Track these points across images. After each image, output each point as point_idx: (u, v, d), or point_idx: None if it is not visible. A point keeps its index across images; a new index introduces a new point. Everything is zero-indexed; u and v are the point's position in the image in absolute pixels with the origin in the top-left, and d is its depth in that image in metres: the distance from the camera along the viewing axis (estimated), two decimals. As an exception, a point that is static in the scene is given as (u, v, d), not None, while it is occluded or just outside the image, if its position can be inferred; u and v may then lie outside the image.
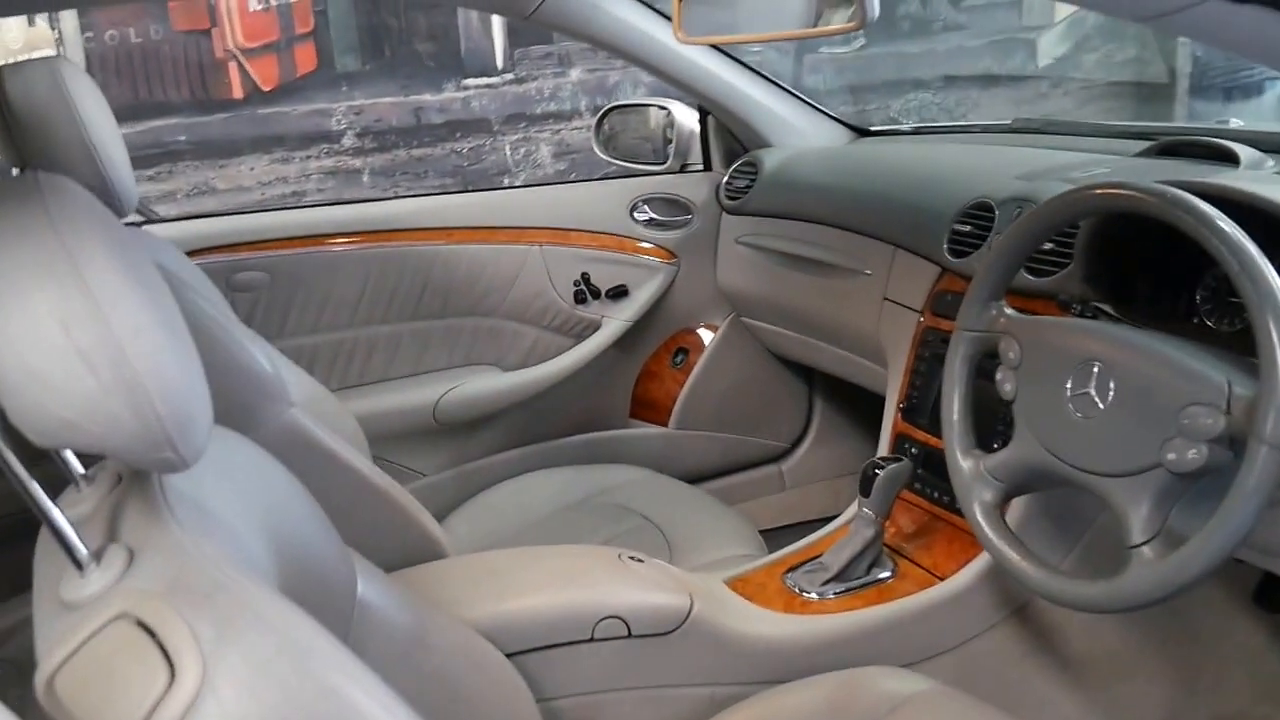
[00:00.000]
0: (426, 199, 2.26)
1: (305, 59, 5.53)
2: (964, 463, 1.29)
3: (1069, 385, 1.16)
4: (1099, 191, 1.15)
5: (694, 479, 2.37)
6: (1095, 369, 1.13)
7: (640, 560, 1.38)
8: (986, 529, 1.24)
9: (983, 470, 1.27)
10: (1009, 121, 2.16)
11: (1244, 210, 1.10)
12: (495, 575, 1.29)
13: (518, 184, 4.17)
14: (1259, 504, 0.96)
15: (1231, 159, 1.49)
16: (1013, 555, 1.20)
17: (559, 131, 5.80)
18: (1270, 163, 1.49)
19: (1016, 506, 1.41)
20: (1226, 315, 1.30)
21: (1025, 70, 6.80)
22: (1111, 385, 1.11)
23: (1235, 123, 1.80)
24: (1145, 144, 1.68)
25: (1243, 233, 1.01)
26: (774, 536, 2.38)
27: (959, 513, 1.48)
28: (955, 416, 1.32)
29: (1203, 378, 1.03)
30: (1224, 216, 1.02)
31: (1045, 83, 6.82)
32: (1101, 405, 1.12)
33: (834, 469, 2.56)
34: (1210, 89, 6.51)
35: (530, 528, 1.89)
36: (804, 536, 2.44)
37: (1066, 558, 1.49)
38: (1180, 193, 1.06)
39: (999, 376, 1.26)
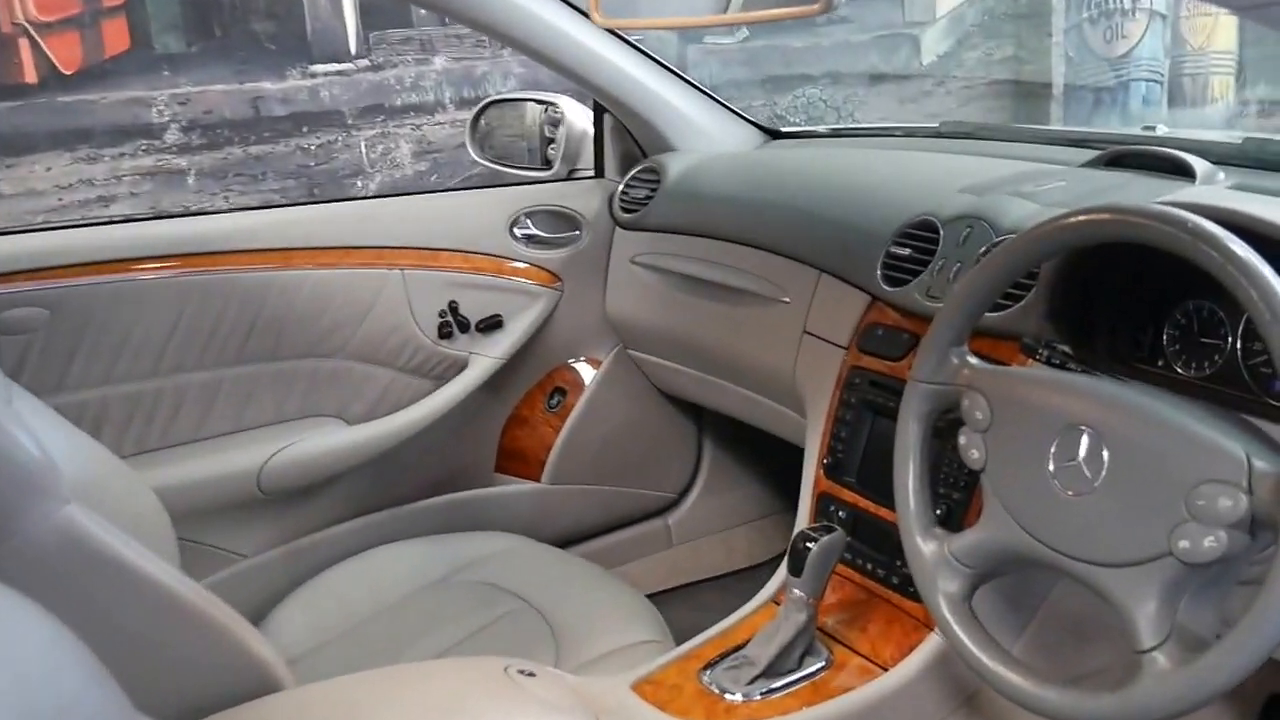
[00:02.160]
0: (260, 213, 2.06)
1: (116, 37, 5.13)
2: (924, 546, 1.18)
3: (1052, 454, 1.05)
4: (1101, 218, 1.04)
5: (570, 540, 2.30)
6: (1084, 436, 1.03)
7: (531, 674, 1.21)
8: (958, 630, 1.12)
9: (947, 555, 1.15)
10: (936, 125, 2.12)
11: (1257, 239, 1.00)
12: (353, 713, 1.08)
13: (375, 194, 3.97)
14: None
15: (1187, 172, 1.47)
16: (997, 667, 1.09)
17: (421, 127, 5.61)
18: (1221, 175, 1.49)
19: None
20: (1196, 359, 1.25)
21: (910, 67, 7.03)
22: (1105, 456, 1.01)
23: (1162, 129, 1.85)
24: (1086, 152, 1.68)
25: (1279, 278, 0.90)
26: (662, 602, 2.33)
27: (896, 588, 1.44)
28: (911, 489, 1.21)
29: (1216, 450, 0.94)
30: (1258, 256, 0.92)
31: (929, 80, 7.07)
32: (1094, 481, 1.02)
33: (726, 519, 2.48)
34: (1082, 88, 6.89)
35: (381, 617, 1.72)
36: (696, 598, 2.42)
37: (1017, 641, 1.41)
38: (1206, 224, 0.95)
39: (963, 440, 1.15)
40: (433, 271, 2.06)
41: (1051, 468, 1.04)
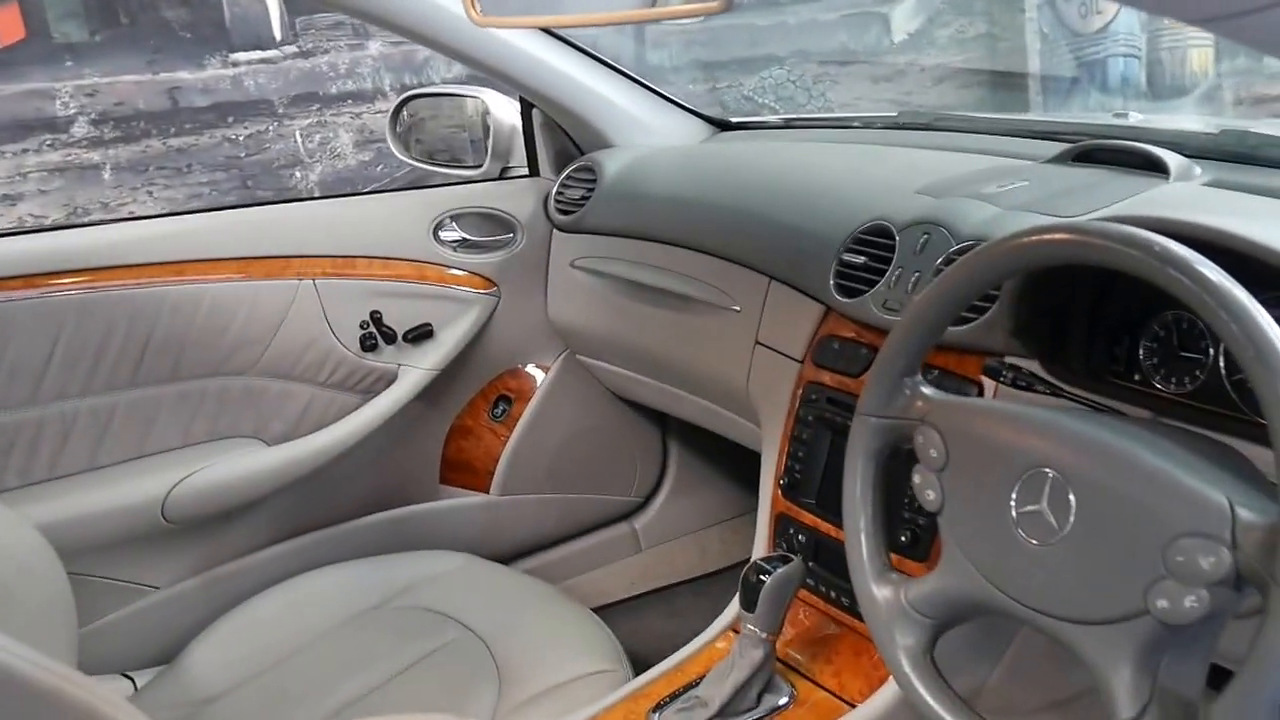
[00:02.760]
0: (146, 223, 1.98)
1: (9, 25, 5.03)
2: (878, 593, 1.11)
3: (1014, 499, 0.99)
4: (1058, 238, 0.98)
5: (527, 552, 2.29)
6: (1048, 479, 0.97)
7: None
8: (919, 687, 1.06)
9: (905, 604, 1.09)
10: (894, 115, 2.08)
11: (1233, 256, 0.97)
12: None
13: (279, 199, 3.88)
14: None
15: (1160, 169, 1.46)
16: None
17: (360, 115, 5.53)
18: (1198, 170, 1.47)
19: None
20: (1175, 375, 1.22)
21: (881, 46, 7.04)
22: (1072, 501, 0.95)
23: (1134, 117, 1.85)
24: (1053, 144, 1.66)
25: (1261, 308, 0.85)
26: (633, 609, 2.37)
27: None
28: (863, 532, 1.15)
29: (1196, 498, 0.88)
30: (1238, 286, 0.86)
31: (903, 58, 7.07)
32: (1060, 529, 0.96)
33: (698, 520, 2.46)
34: (1058, 64, 6.87)
35: (307, 651, 1.67)
36: (671, 602, 2.42)
37: (995, 668, 1.39)
38: (1176, 249, 0.89)
39: (917, 479, 1.09)
40: (349, 280, 2.01)
41: (1014, 514, 0.99)
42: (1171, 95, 6.56)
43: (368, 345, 2.03)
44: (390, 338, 2.04)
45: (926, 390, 1.10)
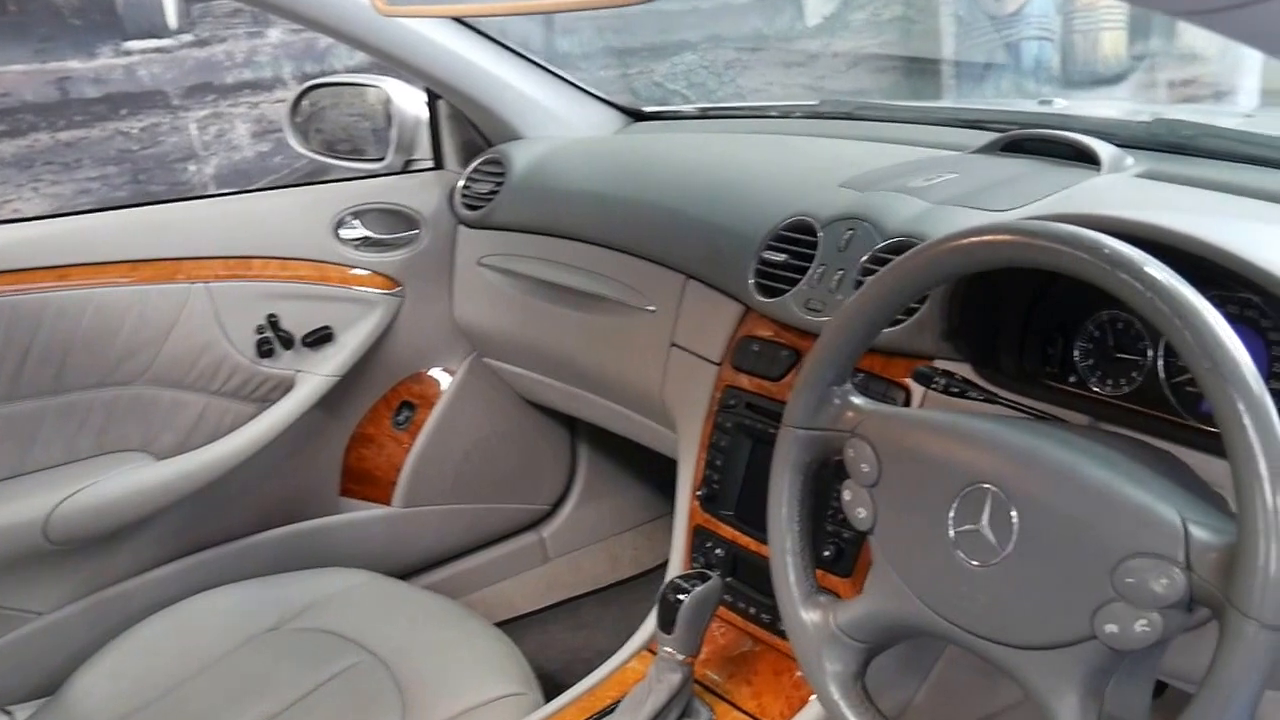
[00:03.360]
0: (31, 223, 1.92)
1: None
2: (806, 617, 1.06)
3: (952, 517, 0.94)
4: (1000, 240, 0.93)
5: (431, 565, 2.27)
6: (988, 496, 0.92)
7: None
8: (850, 716, 1.02)
9: (835, 628, 1.04)
10: (815, 104, 2.08)
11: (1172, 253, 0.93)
12: None
13: (170, 198, 3.78)
14: (1251, 697, 0.77)
15: (1092, 159, 1.46)
16: None
17: (258, 105, 5.41)
18: (1129, 160, 1.47)
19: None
20: (1112, 377, 1.20)
21: (795, 30, 7.04)
22: (1014, 520, 0.90)
23: (1059, 104, 1.87)
24: (979, 133, 1.66)
25: (1219, 316, 0.81)
26: (540, 622, 2.36)
27: (782, 634, 1.36)
28: (789, 552, 1.09)
29: (1146, 517, 0.83)
30: (1193, 290, 0.82)
31: (815, 42, 7.06)
32: (1002, 549, 0.91)
33: (607, 527, 2.45)
34: (973, 48, 6.93)
35: (199, 678, 1.60)
36: (577, 615, 2.39)
37: (923, 684, 1.36)
38: (1124, 250, 0.84)
39: (847, 495, 1.04)
40: (244, 283, 1.96)
41: (952, 533, 0.94)
42: (1085, 78, 6.65)
43: (264, 351, 1.98)
44: (288, 342, 1.99)
45: (857, 400, 1.06)
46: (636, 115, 2.19)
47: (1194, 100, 6.18)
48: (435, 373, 2.20)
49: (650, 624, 1.46)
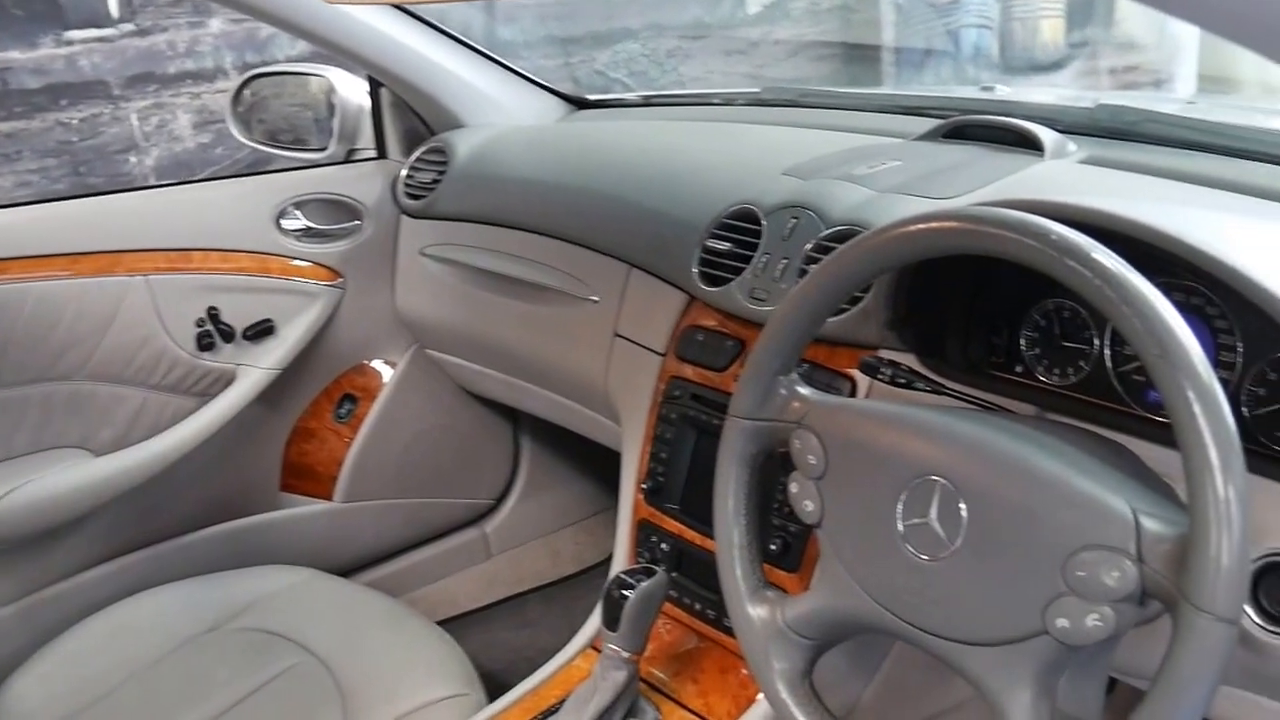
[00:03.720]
0: None
1: None
2: (754, 613, 1.04)
3: (900, 510, 0.92)
4: (947, 227, 0.91)
5: (373, 561, 2.25)
6: (937, 488, 0.90)
7: None
8: (798, 714, 1.00)
9: (782, 625, 1.02)
10: (758, 91, 2.07)
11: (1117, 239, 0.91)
12: None
13: (109, 189, 3.72)
14: (1205, 692, 0.76)
15: (1035, 145, 1.45)
16: None
17: (200, 95, 5.34)
18: (1072, 146, 1.46)
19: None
20: (1059, 366, 1.19)
21: (735, 18, 7.01)
22: (963, 513, 0.88)
23: (1003, 90, 1.89)
24: (921, 120, 1.68)
25: (1167, 303, 0.79)
26: (482, 620, 2.34)
27: (729, 631, 1.32)
28: (736, 545, 1.07)
29: (1097, 508, 0.82)
30: (1141, 278, 0.80)
31: (756, 30, 7.03)
32: (951, 543, 0.89)
33: (550, 523, 2.44)
34: (912, 36, 6.93)
35: (135, 681, 1.58)
36: (521, 612, 2.39)
37: (870, 683, 1.36)
38: (1073, 237, 0.82)
39: (794, 488, 1.02)
40: (184, 275, 1.93)
41: (900, 527, 0.92)
42: (1024, 66, 6.69)
43: (204, 344, 1.95)
44: (228, 335, 1.96)
45: (803, 390, 1.03)
46: (580, 103, 2.18)
47: (1134, 87, 6.23)
48: (377, 365, 2.18)
49: (595, 621, 1.45)
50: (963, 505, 0.88)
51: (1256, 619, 0.92)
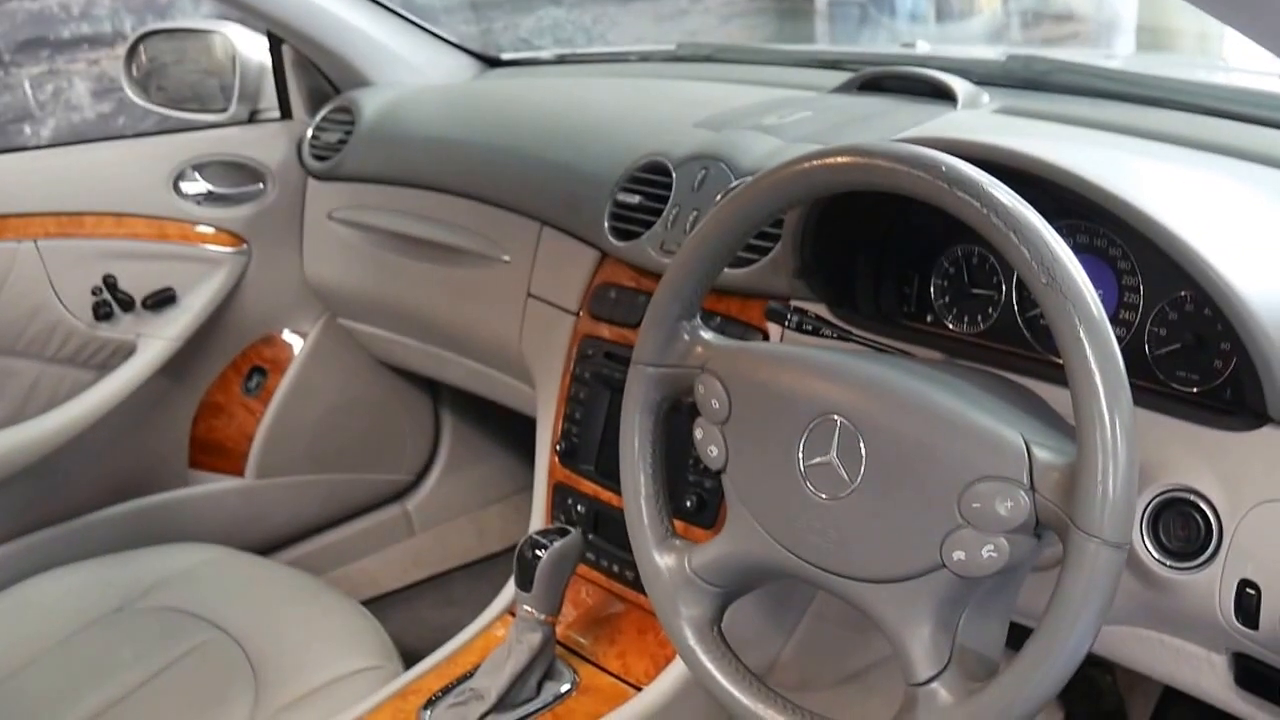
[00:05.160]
0: None
1: None
2: (661, 561, 1.06)
3: (801, 450, 0.95)
4: (840, 162, 0.93)
5: (289, 541, 2.24)
6: (837, 427, 0.93)
7: None
8: (706, 661, 1.02)
9: (689, 572, 1.04)
10: (673, 48, 2.08)
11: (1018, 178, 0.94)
12: None
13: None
14: (1095, 617, 0.79)
15: (948, 96, 1.49)
16: (755, 704, 0.98)
17: (99, 61, 5.23)
18: (986, 97, 1.50)
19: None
20: (968, 314, 1.22)
21: (665, -18, 6.99)
22: (863, 450, 0.91)
23: (922, 46, 1.92)
24: (838, 74, 1.68)
25: (1056, 234, 0.82)
26: (406, 599, 2.35)
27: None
28: (642, 495, 1.09)
29: (990, 440, 0.85)
30: (1030, 208, 0.83)
31: (685, -2, 7.06)
32: (851, 482, 0.92)
33: (475, 499, 2.44)
34: (848, 1, 7.04)
35: (38, 663, 1.56)
36: (446, 590, 2.40)
37: (787, 642, 1.38)
38: (964, 168, 0.85)
39: (699, 434, 1.04)
40: (77, 240, 1.90)
41: (802, 467, 0.95)
42: (960, 34, 6.76)
43: (101, 314, 1.93)
44: (127, 304, 1.94)
45: (706, 335, 1.05)
46: (492, 62, 2.18)
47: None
48: (287, 335, 2.17)
49: (511, 586, 1.46)
50: (862, 443, 0.90)
51: (1156, 555, 0.96)
